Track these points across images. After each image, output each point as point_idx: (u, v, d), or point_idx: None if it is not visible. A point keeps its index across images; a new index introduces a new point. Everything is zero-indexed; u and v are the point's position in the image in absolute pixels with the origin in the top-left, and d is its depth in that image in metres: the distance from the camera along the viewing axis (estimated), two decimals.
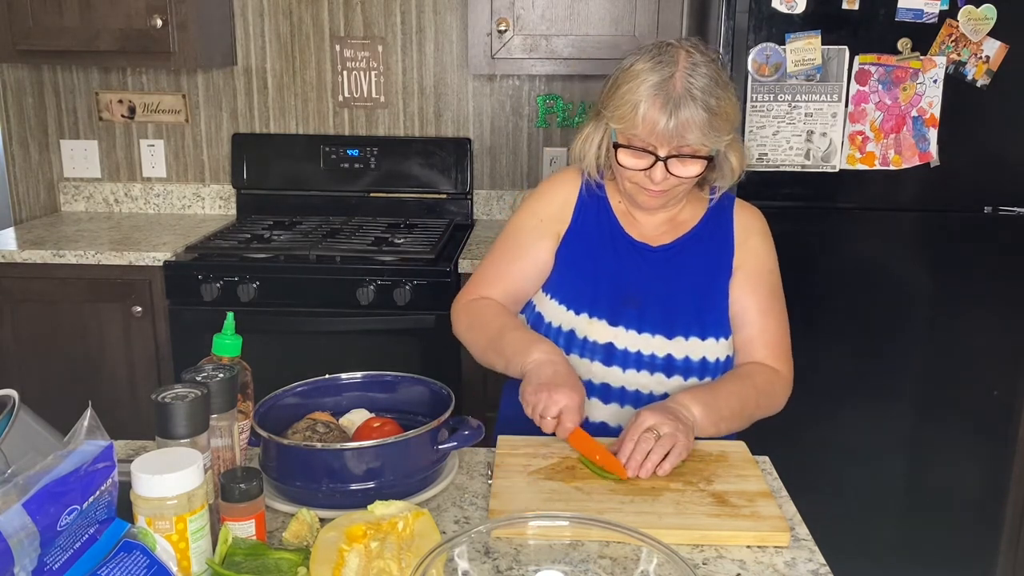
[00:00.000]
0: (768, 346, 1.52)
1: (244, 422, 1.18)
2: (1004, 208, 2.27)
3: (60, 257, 2.52)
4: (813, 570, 1.08)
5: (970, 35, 2.16)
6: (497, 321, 1.51)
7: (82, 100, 3.04)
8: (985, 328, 2.32)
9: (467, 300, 1.59)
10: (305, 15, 2.95)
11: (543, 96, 2.97)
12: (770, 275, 1.55)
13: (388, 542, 0.99)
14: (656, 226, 1.56)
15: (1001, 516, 2.44)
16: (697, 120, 1.36)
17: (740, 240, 1.55)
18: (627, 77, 1.41)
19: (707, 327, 1.49)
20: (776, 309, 1.54)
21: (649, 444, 1.27)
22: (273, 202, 2.99)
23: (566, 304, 1.51)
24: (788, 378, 1.54)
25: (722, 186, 1.54)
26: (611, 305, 1.50)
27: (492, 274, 1.59)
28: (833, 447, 2.38)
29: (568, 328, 1.50)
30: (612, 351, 1.48)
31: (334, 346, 2.48)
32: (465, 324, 1.57)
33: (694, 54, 1.40)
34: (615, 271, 1.52)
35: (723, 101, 1.39)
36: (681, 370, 1.48)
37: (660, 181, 1.42)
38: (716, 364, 1.49)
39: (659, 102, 1.37)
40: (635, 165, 1.43)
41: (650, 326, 1.48)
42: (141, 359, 2.57)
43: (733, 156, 1.49)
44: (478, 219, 3.04)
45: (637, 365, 1.48)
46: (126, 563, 0.90)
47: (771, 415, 1.52)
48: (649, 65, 1.39)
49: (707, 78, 1.38)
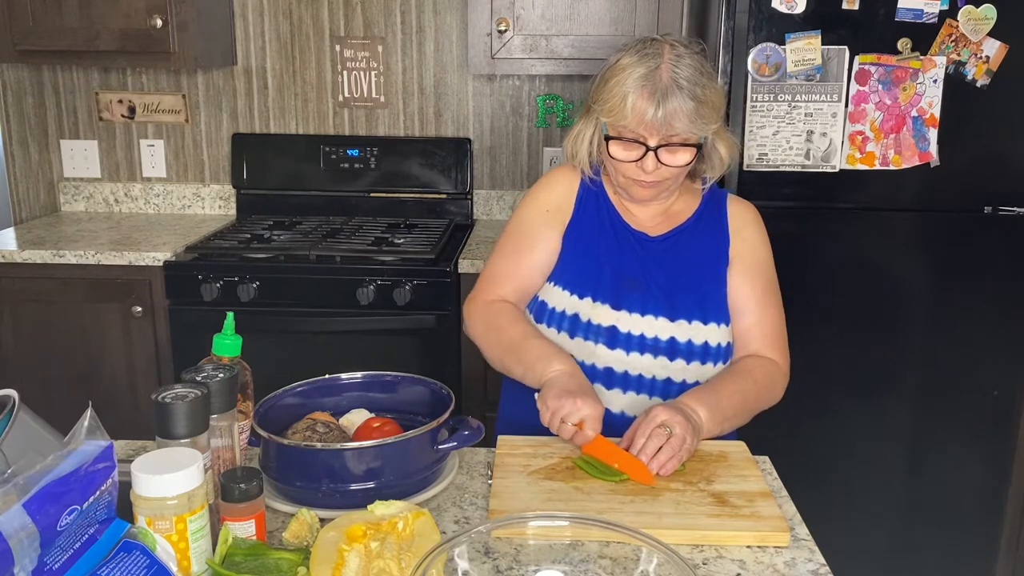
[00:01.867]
0: (765, 336, 1.54)
1: (244, 422, 1.19)
2: (1004, 208, 2.27)
3: (60, 257, 2.52)
4: (813, 570, 1.08)
5: (970, 35, 2.16)
6: (517, 328, 1.52)
7: (82, 100, 3.04)
8: (985, 328, 2.32)
9: (483, 301, 1.59)
10: (305, 15, 2.95)
11: (543, 96, 2.97)
12: (765, 265, 1.58)
13: (388, 542, 0.99)
14: (651, 217, 1.59)
15: (1001, 516, 2.44)
16: (684, 109, 1.41)
17: (735, 230, 1.57)
18: (614, 71, 1.46)
19: (708, 312, 1.51)
20: (772, 299, 1.57)
21: (661, 440, 1.28)
22: (273, 202, 2.99)
23: (570, 289, 1.53)
24: (785, 368, 1.56)
25: (712, 176, 1.58)
26: (614, 289, 1.51)
27: (504, 270, 1.60)
28: (833, 447, 2.38)
29: (572, 312, 1.52)
30: (616, 334, 1.49)
31: (334, 346, 2.48)
32: (483, 327, 1.57)
33: (677, 47, 1.45)
34: (617, 258, 1.54)
35: (708, 90, 1.44)
36: (684, 354, 1.49)
37: (652, 171, 1.45)
38: (718, 349, 1.51)
39: (647, 92, 1.41)
40: (626, 156, 1.46)
41: (653, 309, 1.50)
42: (141, 359, 2.57)
43: (721, 146, 1.53)
44: (478, 219, 3.04)
45: (640, 348, 1.49)
46: (126, 563, 0.90)
47: (771, 407, 1.53)
48: (635, 59, 1.44)
49: (692, 68, 1.43)
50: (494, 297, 1.58)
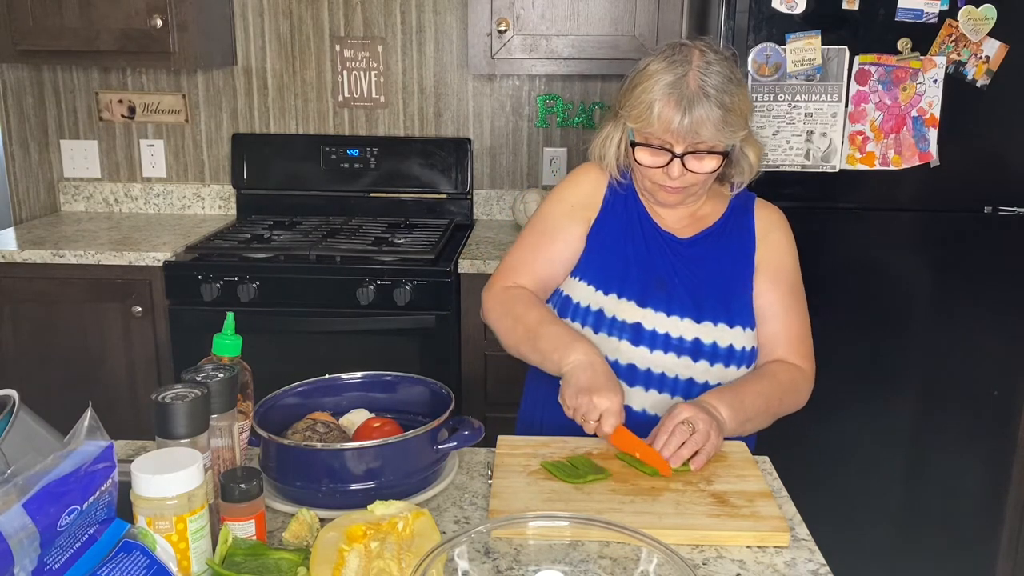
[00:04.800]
0: (790, 342, 1.54)
1: (244, 422, 1.18)
2: (1004, 208, 2.27)
3: (60, 257, 2.52)
4: (813, 570, 1.08)
5: (970, 35, 2.16)
6: (533, 313, 1.51)
7: (82, 100, 3.04)
8: (985, 328, 2.32)
9: (500, 287, 1.58)
10: (305, 15, 2.95)
11: (543, 96, 2.97)
12: (791, 272, 1.58)
13: (388, 542, 0.99)
14: (678, 219, 1.58)
15: (1001, 516, 2.44)
16: (711, 117, 1.39)
17: (761, 236, 1.57)
18: (642, 77, 1.44)
19: (734, 315, 1.50)
20: (797, 306, 1.56)
21: (683, 437, 1.29)
22: (273, 202, 2.99)
23: (595, 285, 1.52)
24: (810, 374, 1.56)
25: (741, 181, 1.56)
26: (640, 287, 1.51)
27: (523, 260, 1.59)
28: (833, 447, 2.38)
29: (596, 308, 1.51)
30: (640, 331, 1.49)
31: (334, 346, 2.48)
32: (498, 313, 1.56)
33: (707, 53, 1.43)
34: (644, 256, 1.54)
35: (736, 98, 1.42)
36: (708, 355, 1.48)
37: (677, 177, 1.44)
38: (742, 353, 1.50)
39: (673, 100, 1.39)
40: (653, 162, 1.46)
41: (679, 309, 1.49)
42: (141, 359, 2.57)
43: (750, 151, 1.52)
44: (478, 219, 3.04)
45: (665, 347, 1.48)
46: (126, 563, 0.90)
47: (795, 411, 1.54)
48: (663, 65, 1.42)
49: (720, 76, 1.41)
50: (511, 284, 1.58)
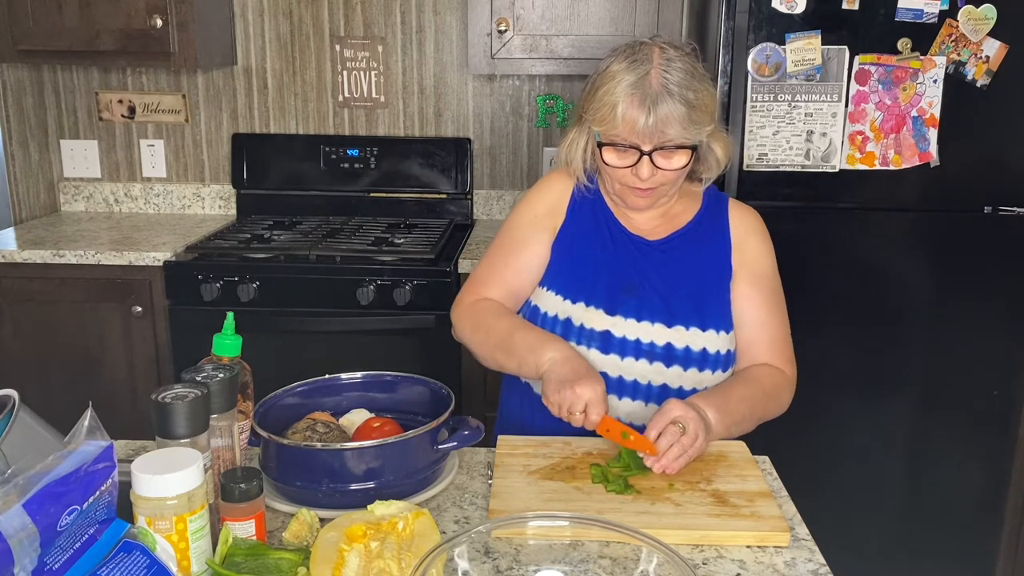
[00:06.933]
0: (773, 347, 1.53)
1: (244, 422, 1.18)
2: (1004, 208, 2.27)
3: (60, 257, 2.52)
4: (813, 570, 1.08)
5: (970, 35, 2.16)
6: (503, 322, 1.50)
7: (82, 100, 3.04)
8: (985, 328, 2.32)
9: (469, 302, 1.58)
10: (305, 15, 2.95)
11: (543, 96, 2.97)
12: (770, 275, 1.56)
13: (388, 542, 0.99)
14: (649, 220, 1.56)
15: (1001, 516, 2.44)
16: (676, 114, 1.38)
17: (738, 239, 1.55)
18: (604, 79, 1.43)
19: (707, 319, 1.49)
20: (777, 310, 1.55)
21: (674, 437, 1.28)
22: (273, 202, 2.99)
23: (563, 294, 1.51)
24: (792, 379, 1.55)
25: (709, 177, 1.55)
26: (608, 294, 1.50)
27: (490, 273, 1.58)
28: (833, 447, 2.38)
29: (564, 317, 1.50)
30: (609, 339, 1.47)
31: (334, 346, 2.48)
32: (470, 326, 1.55)
33: (668, 50, 1.42)
34: (612, 262, 1.52)
35: (700, 93, 1.41)
36: (681, 360, 1.47)
37: (648, 177, 1.43)
38: (717, 356, 1.49)
39: (636, 100, 1.38)
40: (621, 163, 1.44)
41: (649, 314, 1.48)
42: (141, 359, 2.57)
43: (717, 146, 1.50)
44: (478, 219, 3.04)
45: (636, 353, 1.47)
46: (126, 563, 0.90)
47: (777, 417, 1.52)
48: (624, 65, 1.41)
49: (682, 72, 1.40)
50: (479, 297, 1.57)
